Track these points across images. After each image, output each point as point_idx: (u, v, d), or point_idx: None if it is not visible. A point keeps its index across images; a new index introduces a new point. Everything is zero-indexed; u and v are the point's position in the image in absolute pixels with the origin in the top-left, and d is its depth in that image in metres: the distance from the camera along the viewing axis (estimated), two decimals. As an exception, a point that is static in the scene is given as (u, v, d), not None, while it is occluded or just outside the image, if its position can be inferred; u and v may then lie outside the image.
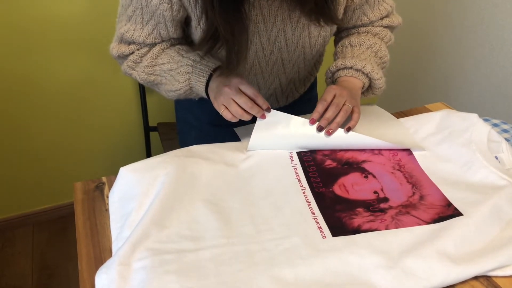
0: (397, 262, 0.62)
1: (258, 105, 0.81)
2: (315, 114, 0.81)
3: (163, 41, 0.87)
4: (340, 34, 1.02)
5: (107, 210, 0.76)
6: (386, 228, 0.68)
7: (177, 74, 0.86)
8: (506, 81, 1.63)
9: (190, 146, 0.84)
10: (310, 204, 0.72)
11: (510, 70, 1.61)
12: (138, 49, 0.88)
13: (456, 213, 0.70)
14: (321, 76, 1.18)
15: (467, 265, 0.62)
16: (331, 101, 0.82)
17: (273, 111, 0.82)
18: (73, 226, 1.84)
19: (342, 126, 0.81)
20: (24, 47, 1.52)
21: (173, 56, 0.87)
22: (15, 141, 1.69)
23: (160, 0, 0.79)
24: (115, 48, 0.90)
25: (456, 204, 0.71)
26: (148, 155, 1.77)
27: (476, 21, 1.69)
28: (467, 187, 0.75)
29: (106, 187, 0.82)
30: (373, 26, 0.96)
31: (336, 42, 1.04)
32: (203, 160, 0.80)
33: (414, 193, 0.74)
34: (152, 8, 0.80)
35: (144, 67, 0.89)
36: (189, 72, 0.85)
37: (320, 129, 0.81)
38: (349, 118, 0.82)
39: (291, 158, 0.81)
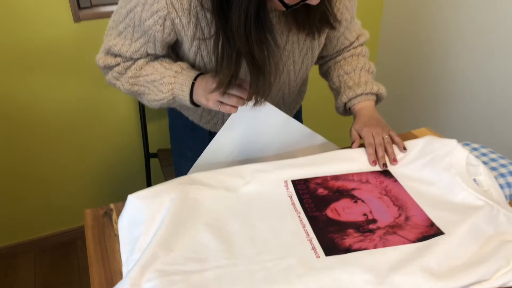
0: (386, 279, 0.68)
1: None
2: (372, 157, 0.92)
3: (148, 56, 0.94)
4: (327, 64, 1.10)
5: (116, 235, 0.82)
6: (375, 247, 0.74)
7: (160, 85, 0.93)
8: (489, 106, 1.72)
9: (192, 174, 0.90)
10: (304, 227, 0.78)
11: (493, 96, 1.70)
12: (123, 62, 0.95)
13: (438, 232, 0.76)
14: (305, 105, 1.26)
15: (449, 280, 0.68)
16: (374, 141, 0.93)
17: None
18: (75, 252, 1.89)
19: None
20: (25, 75, 1.60)
21: (157, 68, 0.93)
22: (16, 168, 1.74)
23: (154, 22, 0.86)
24: (102, 59, 0.97)
25: (438, 224, 0.78)
26: (148, 181, 1.82)
27: (461, 47, 1.79)
28: (448, 208, 0.81)
29: (114, 213, 0.88)
30: (354, 48, 1.07)
31: (326, 73, 1.12)
32: (204, 186, 0.86)
33: (400, 215, 0.81)
34: (145, 28, 0.87)
35: (128, 78, 0.95)
36: (172, 83, 0.91)
37: (385, 165, 0.92)
38: None
39: (286, 186, 0.87)
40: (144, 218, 0.78)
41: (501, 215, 0.79)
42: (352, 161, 0.93)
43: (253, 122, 0.96)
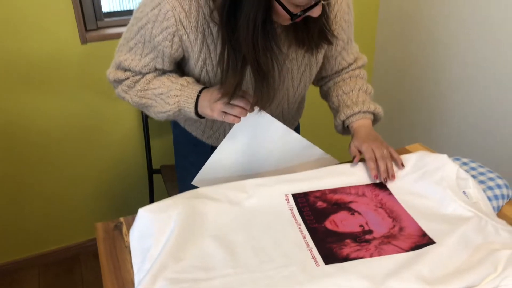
0: (381, 285, 0.72)
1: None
2: (374, 171, 0.97)
3: (156, 70, 1.00)
4: (327, 85, 1.16)
5: (126, 246, 0.87)
6: (371, 256, 0.78)
7: (167, 98, 0.98)
8: (479, 123, 1.78)
9: (197, 188, 0.95)
10: (305, 238, 0.83)
11: (482, 114, 1.76)
12: (133, 76, 1.01)
13: (430, 242, 0.81)
14: (303, 123, 1.32)
15: (441, 286, 0.72)
16: (375, 155, 0.98)
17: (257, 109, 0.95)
18: (78, 267, 1.92)
19: None
20: (30, 92, 1.66)
21: (164, 81, 0.99)
22: (19, 183, 1.79)
23: (163, 38, 0.92)
24: (112, 73, 1.03)
25: (430, 234, 0.83)
26: (151, 196, 1.86)
27: (453, 66, 1.86)
28: (439, 219, 0.86)
29: (124, 227, 0.93)
30: (352, 70, 1.13)
31: (326, 94, 1.18)
32: (209, 200, 0.91)
33: (394, 226, 0.86)
34: (154, 44, 0.94)
35: (137, 91, 1.01)
36: (178, 95, 0.97)
37: (386, 180, 0.97)
38: None
39: (287, 200, 0.92)
40: (154, 230, 0.83)
41: (489, 226, 0.84)
42: (349, 175, 0.98)
43: (254, 132, 1.01)
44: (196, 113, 0.97)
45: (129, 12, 1.77)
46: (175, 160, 1.32)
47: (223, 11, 0.83)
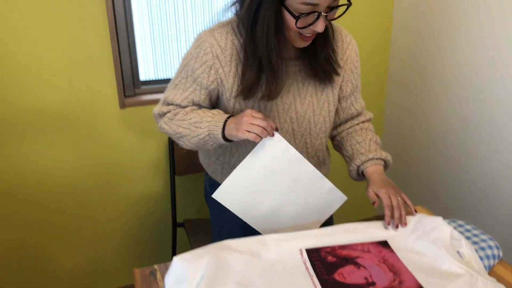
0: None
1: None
2: (389, 219, 1.11)
3: (194, 105, 1.18)
4: (340, 135, 1.33)
5: (162, 290, 1.00)
6: (374, 305, 0.91)
7: (199, 123, 1.14)
8: (477, 188, 1.90)
9: (224, 241, 1.09)
10: (316, 287, 0.96)
11: (480, 181, 1.89)
12: (174, 109, 1.19)
13: (427, 294, 0.93)
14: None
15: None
16: (391, 203, 1.11)
17: (277, 134, 1.08)
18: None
19: None
20: (65, 150, 1.84)
21: (199, 113, 1.17)
22: (51, 235, 1.93)
23: (202, 71, 1.12)
24: (158, 109, 1.21)
25: (426, 287, 0.95)
26: (174, 248, 1.99)
27: (457, 137, 2.01)
28: (435, 274, 0.98)
29: (158, 273, 1.07)
30: (362, 123, 1.31)
31: (339, 144, 1.34)
32: (234, 251, 1.05)
33: (395, 279, 0.98)
34: (195, 76, 1.15)
35: (176, 120, 1.18)
36: (209, 121, 1.13)
37: (397, 226, 1.11)
38: None
39: (301, 254, 1.06)
40: (186, 276, 0.97)
41: (480, 282, 0.96)
42: (356, 233, 1.12)
43: (272, 156, 1.10)
44: (223, 136, 1.12)
45: (163, 81, 2.00)
46: (210, 216, 1.45)
47: (247, 21, 1.05)
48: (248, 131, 1.06)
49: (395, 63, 2.27)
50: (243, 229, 1.19)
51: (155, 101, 1.88)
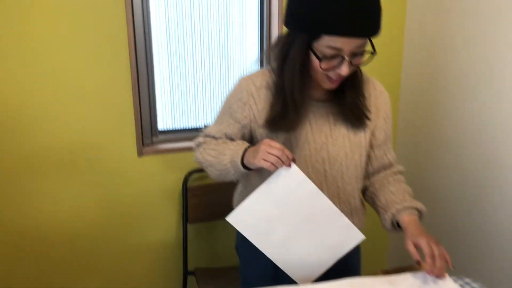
0: None
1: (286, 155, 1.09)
2: (429, 267, 1.09)
3: (226, 137, 1.26)
4: (374, 186, 1.33)
5: None
6: None
7: (225, 150, 1.20)
8: (500, 244, 1.87)
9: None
10: None
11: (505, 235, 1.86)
12: (209, 140, 1.27)
13: None
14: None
15: None
16: (433, 252, 1.10)
17: (294, 166, 1.10)
18: None
19: None
20: (86, 197, 1.89)
21: (227, 142, 1.24)
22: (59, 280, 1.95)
23: (237, 105, 1.23)
24: (196, 140, 1.31)
25: None
26: (184, 297, 1.98)
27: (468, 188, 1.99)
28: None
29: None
30: (395, 174, 1.33)
31: (372, 195, 1.33)
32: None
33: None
34: (230, 111, 1.25)
35: (208, 150, 1.26)
36: (232, 149, 1.18)
37: (438, 277, 1.10)
38: None
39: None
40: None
41: None
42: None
43: (288, 186, 1.11)
44: (242, 164, 1.15)
45: (180, 131, 2.07)
46: (240, 268, 1.47)
47: (279, 61, 1.16)
48: (264, 160, 1.09)
49: (406, 82, 2.30)
50: (272, 282, 1.19)
51: (172, 150, 1.94)
